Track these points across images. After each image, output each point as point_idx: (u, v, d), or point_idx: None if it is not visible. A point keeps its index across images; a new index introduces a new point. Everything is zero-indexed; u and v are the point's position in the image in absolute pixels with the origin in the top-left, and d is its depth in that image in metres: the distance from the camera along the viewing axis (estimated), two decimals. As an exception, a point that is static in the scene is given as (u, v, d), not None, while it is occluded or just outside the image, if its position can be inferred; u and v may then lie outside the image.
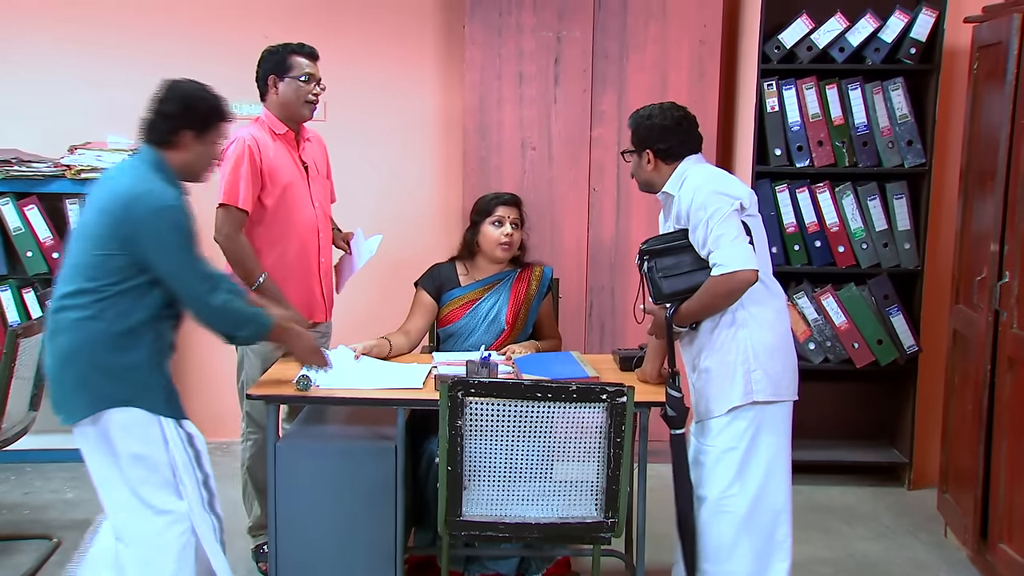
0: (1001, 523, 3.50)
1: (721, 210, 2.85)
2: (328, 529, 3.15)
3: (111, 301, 2.70)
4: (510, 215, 3.66)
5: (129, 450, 2.76)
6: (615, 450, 2.79)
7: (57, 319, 2.74)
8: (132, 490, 2.78)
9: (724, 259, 2.83)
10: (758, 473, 2.96)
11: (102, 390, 2.72)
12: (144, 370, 2.75)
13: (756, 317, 2.95)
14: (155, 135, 2.82)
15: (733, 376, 2.94)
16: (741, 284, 2.84)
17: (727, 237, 2.83)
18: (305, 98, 3.56)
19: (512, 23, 4.49)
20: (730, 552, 2.97)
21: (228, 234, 3.41)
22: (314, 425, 3.41)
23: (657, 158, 3.04)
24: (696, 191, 2.91)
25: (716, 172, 3.04)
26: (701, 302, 2.91)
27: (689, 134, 3.08)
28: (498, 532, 2.88)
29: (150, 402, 2.76)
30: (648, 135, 3.05)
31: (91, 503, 4.20)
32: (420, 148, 4.92)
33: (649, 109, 3.10)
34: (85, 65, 4.77)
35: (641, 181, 3.13)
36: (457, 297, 3.69)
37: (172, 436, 2.79)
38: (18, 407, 3.59)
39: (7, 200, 4.50)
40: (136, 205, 2.68)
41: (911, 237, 4.43)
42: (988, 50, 3.76)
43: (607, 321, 4.66)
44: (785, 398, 2.99)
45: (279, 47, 3.59)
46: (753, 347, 2.93)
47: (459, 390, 2.74)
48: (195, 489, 2.83)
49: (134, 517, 2.80)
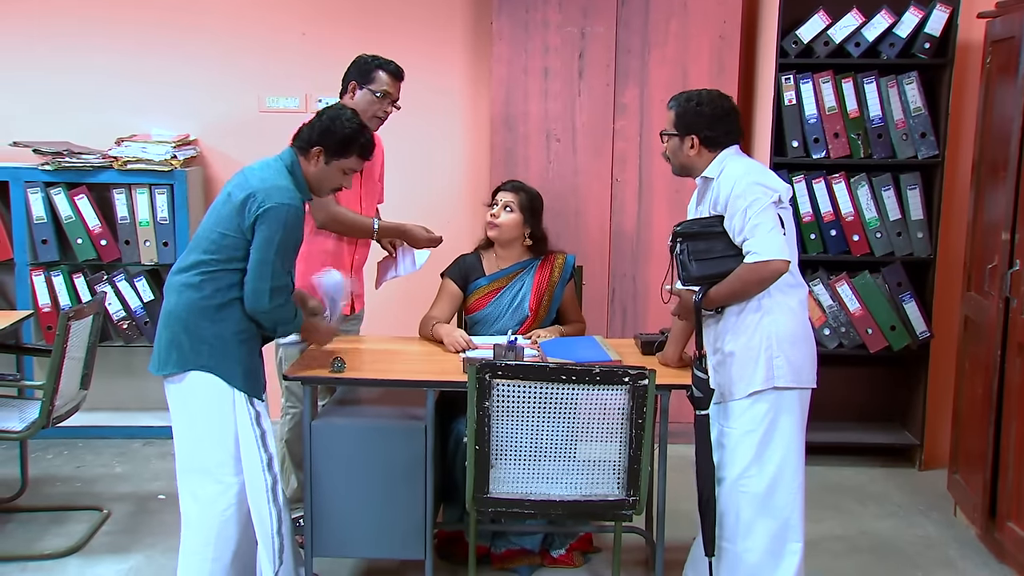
0: (1009, 502, 3.55)
1: (760, 201, 2.87)
2: (361, 505, 3.18)
3: (215, 275, 2.93)
4: (504, 199, 3.72)
5: (202, 413, 2.96)
6: (636, 431, 2.84)
7: (171, 281, 2.99)
8: (197, 451, 2.99)
9: (759, 247, 2.85)
10: (776, 456, 2.97)
11: (189, 352, 2.94)
12: (228, 342, 2.95)
13: (781, 305, 2.96)
14: (299, 141, 3.08)
15: (756, 361, 2.95)
16: (773, 273, 2.87)
17: (763, 227, 2.86)
18: (375, 113, 3.65)
19: (538, 19, 4.56)
20: (747, 531, 2.99)
21: (330, 215, 3.57)
22: (348, 405, 3.45)
23: (701, 144, 3.02)
24: (737, 180, 2.92)
25: (756, 164, 3.06)
26: (732, 287, 2.92)
27: (735, 125, 3.08)
28: (523, 509, 2.92)
29: (227, 372, 2.95)
30: (696, 121, 3.02)
31: (139, 477, 4.38)
32: (449, 140, 5.00)
33: (696, 95, 3.07)
34: (130, 61, 4.90)
35: (677, 164, 3.10)
36: (483, 286, 3.75)
37: (241, 410, 2.97)
38: (70, 386, 3.67)
39: (59, 190, 4.63)
40: (260, 196, 2.91)
41: (924, 226, 4.44)
42: (1001, 45, 3.78)
43: (629, 306, 4.73)
44: (805, 385, 3.01)
45: (371, 58, 3.69)
46: (777, 334, 2.94)
47: (487, 372, 2.79)
48: (257, 468, 2.98)
49: (195, 477, 3.00)
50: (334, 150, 3.03)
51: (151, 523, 3.91)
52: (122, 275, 4.75)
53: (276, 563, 3.02)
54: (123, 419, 4.88)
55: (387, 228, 3.75)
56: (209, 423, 2.98)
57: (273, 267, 2.91)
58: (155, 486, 4.27)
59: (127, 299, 4.76)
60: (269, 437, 3.03)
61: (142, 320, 4.78)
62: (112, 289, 4.73)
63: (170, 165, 4.61)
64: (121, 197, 4.67)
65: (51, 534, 3.79)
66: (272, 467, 3.02)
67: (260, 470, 2.99)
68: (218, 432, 2.98)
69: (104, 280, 4.75)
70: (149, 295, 4.75)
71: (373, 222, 3.70)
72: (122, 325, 4.78)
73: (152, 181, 4.64)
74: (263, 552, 3.02)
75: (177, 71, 4.91)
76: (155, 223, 4.69)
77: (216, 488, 2.99)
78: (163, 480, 4.30)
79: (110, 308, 4.72)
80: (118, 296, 4.75)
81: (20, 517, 3.94)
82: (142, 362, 4.86)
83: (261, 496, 2.99)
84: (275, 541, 3.02)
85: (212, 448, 2.98)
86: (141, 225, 4.69)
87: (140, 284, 4.76)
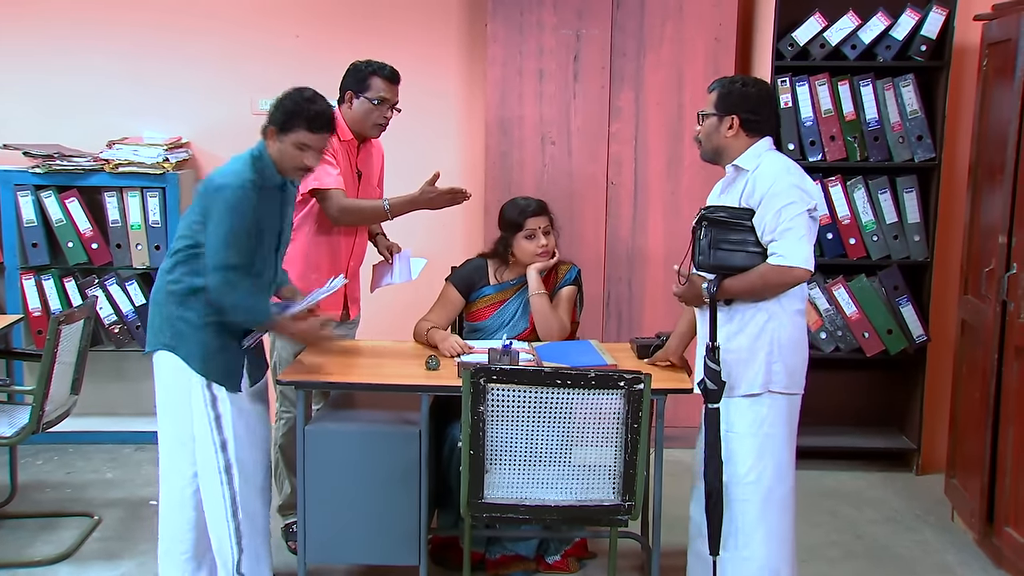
0: (1007, 507, 3.54)
1: (796, 205, 2.84)
2: (355, 511, 3.18)
3: (186, 260, 3.02)
4: (540, 224, 3.66)
5: (163, 390, 3.08)
6: (632, 435, 2.83)
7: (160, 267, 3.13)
8: (163, 428, 3.11)
9: (786, 251, 2.82)
10: (771, 462, 2.96)
11: (158, 331, 3.08)
12: (191, 324, 3.01)
13: (787, 311, 2.94)
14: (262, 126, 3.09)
15: (755, 363, 2.93)
16: (794, 280, 2.85)
17: (795, 233, 2.82)
18: (375, 120, 3.64)
19: (533, 21, 4.54)
20: (747, 540, 2.96)
21: (341, 207, 3.55)
22: (342, 409, 3.44)
23: (742, 127, 2.95)
24: (777, 178, 2.87)
25: (795, 165, 2.98)
26: (751, 284, 2.88)
27: (776, 113, 3.04)
28: (518, 514, 2.91)
29: (186, 353, 3.01)
30: (741, 101, 2.95)
31: (130, 482, 4.34)
32: (443, 143, 4.97)
33: (742, 77, 3.03)
34: (123, 64, 4.87)
35: (710, 147, 3.02)
36: (487, 296, 3.72)
37: (196, 391, 3.02)
38: (60, 391, 3.64)
39: (49, 193, 4.60)
40: (209, 178, 3.02)
41: (921, 230, 4.44)
42: (997, 47, 3.78)
43: (624, 311, 4.71)
44: (796, 391, 3.01)
45: (364, 64, 3.65)
46: (779, 339, 2.93)
47: (481, 377, 2.78)
48: (209, 449, 3.04)
49: (163, 452, 3.13)
50: (281, 125, 3.02)
51: (143, 529, 3.87)
52: (113, 279, 4.73)
53: (234, 551, 3.05)
54: (114, 424, 4.85)
55: (398, 204, 3.63)
56: (169, 401, 3.10)
57: (219, 245, 2.93)
58: (147, 492, 4.23)
59: (118, 303, 4.73)
60: (225, 421, 3.05)
61: (133, 324, 4.75)
62: (103, 293, 4.71)
63: (162, 168, 4.59)
64: (112, 200, 4.65)
65: (41, 541, 3.76)
66: (227, 450, 3.05)
67: (212, 451, 3.04)
68: (175, 411, 3.08)
69: (95, 284, 4.72)
70: (141, 299, 4.72)
71: (383, 203, 3.64)
72: (113, 329, 4.75)
73: (144, 184, 4.62)
74: (215, 537, 3.07)
75: (169, 73, 4.88)
76: (147, 226, 4.67)
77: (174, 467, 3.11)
78: (155, 486, 4.14)
79: (101, 312, 4.69)
80: (109, 300, 4.72)
81: (10, 524, 3.91)
82: (133, 367, 4.88)
83: (213, 477, 3.04)
84: (230, 525, 3.05)
85: (172, 425, 3.10)
86: (133, 228, 4.67)
87: (132, 288, 4.73)
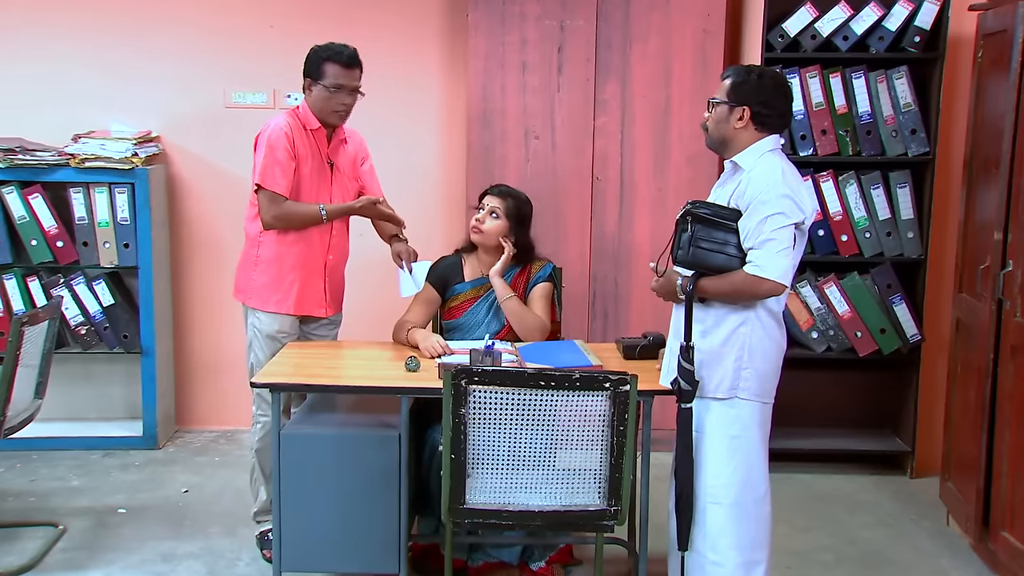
0: (1003, 511, 3.52)
1: (783, 216, 2.81)
2: (332, 517, 3.17)
3: None
4: (491, 203, 3.64)
5: None
6: (618, 438, 2.79)
7: None
8: None
9: (763, 263, 2.81)
10: (741, 468, 2.95)
11: None
12: None
13: (763, 320, 2.93)
14: None
15: (723, 366, 2.92)
16: (765, 292, 2.84)
17: (776, 245, 2.81)
18: (333, 108, 3.56)
19: (515, 11, 4.48)
20: (714, 544, 2.96)
21: (274, 214, 3.53)
22: (319, 412, 3.43)
23: (752, 120, 2.92)
24: (770, 185, 2.84)
25: (794, 173, 2.94)
26: (721, 289, 2.88)
27: (789, 110, 3.00)
28: (501, 520, 2.88)
29: None
30: (756, 92, 2.91)
31: (98, 490, 4.27)
32: (424, 137, 4.92)
33: (759, 68, 2.99)
34: (89, 53, 4.77)
35: (716, 137, 2.99)
36: (461, 293, 3.69)
37: None
38: (23, 395, 3.60)
39: (11, 189, 4.50)
40: None
41: (914, 226, 4.43)
42: (993, 38, 3.76)
43: (611, 310, 4.66)
44: (765, 400, 2.98)
45: (321, 48, 3.57)
46: (750, 345, 2.92)
47: (463, 378, 2.74)
48: None
49: None
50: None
51: (110, 539, 3.79)
52: (80, 278, 4.62)
53: None
54: (81, 429, 4.77)
55: (335, 211, 3.61)
56: None
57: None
58: (115, 499, 4.14)
59: (85, 303, 4.62)
60: None
61: (101, 325, 4.64)
62: (69, 293, 4.60)
63: (131, 163, 4.48)
64: (79, 196, 4.55)
65: (2, 552, 3.66)
66: None
67: None
68: None
69: (61, 284, 4.62)
70: (109, 299, 4.61)
71: (319, 207, 3.58)
72: (80, 331, 4.64)
73: (112, 180, 4.52)
74: None
75: (138, 63, 4.78)
76: (115, 224, 4.56)
77: None
78: (124, 493, 4.19)
79: (67, 313, 4.59)
80: (76, 300, 4.62)
81: (-30, 534, 3.82)
82: (101, 370, 4.83)
83: None
84: None
85: None
86: (100, 226, 4.56)
87: (99, 288, 4.62)
